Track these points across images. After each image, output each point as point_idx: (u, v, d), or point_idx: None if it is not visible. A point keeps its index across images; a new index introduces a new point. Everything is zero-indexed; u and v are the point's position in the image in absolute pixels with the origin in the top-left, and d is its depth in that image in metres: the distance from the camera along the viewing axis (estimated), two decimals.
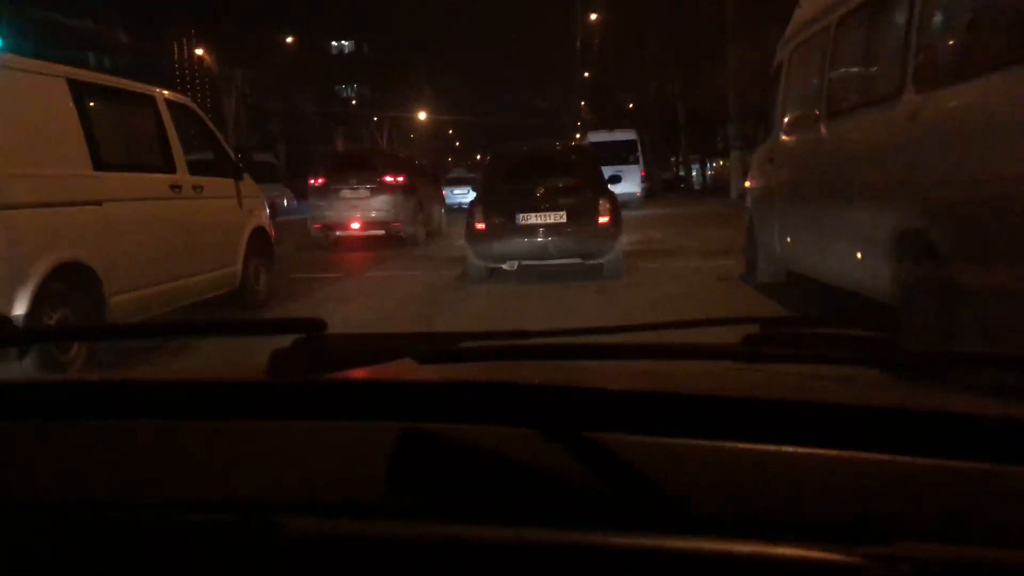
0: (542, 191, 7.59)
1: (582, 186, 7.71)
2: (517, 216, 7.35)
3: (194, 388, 0.86)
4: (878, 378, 0.82)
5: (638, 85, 33.33)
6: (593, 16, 36.58)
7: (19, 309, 3.84)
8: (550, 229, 7.29)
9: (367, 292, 7.62)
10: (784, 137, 5.87)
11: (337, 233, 12.08)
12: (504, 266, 7.44)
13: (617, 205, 7.62)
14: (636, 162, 20.72)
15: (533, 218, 7.34)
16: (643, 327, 0.85)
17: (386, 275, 8.96)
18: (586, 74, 49.94)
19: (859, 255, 4.10)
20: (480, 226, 7.43)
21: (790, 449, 0.60)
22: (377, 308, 6.51)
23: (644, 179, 21.61)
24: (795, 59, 5.72)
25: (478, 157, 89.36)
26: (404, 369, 0.81)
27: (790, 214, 5.57)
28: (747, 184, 7.36)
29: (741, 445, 0.62)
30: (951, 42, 3.47)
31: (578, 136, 38.76)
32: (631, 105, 35.98)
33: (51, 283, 4.03)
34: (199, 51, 31.64)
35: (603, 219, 7.33)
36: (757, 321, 0.78)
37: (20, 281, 3.87)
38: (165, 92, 5.58)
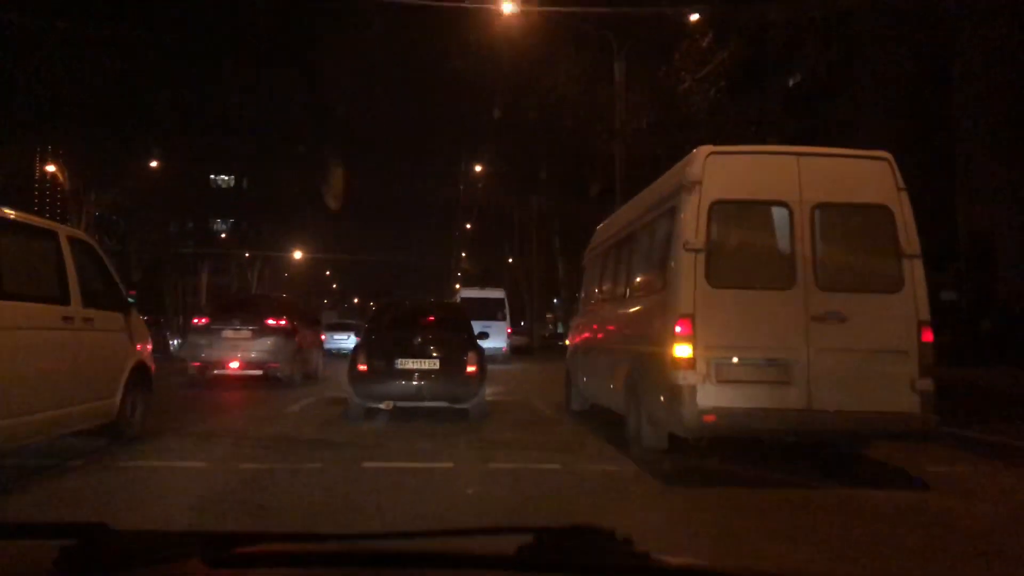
0: (419, 340, 8.42)
1: (454, 338, 8.63)
2: (396, 361, 8.14)
3: None
4: None
5: (519, 238, 36.43)
6: (477, 168, 39.64)
7: None
8: (424, 374, 8.08)
9: (238, 429, 7.85)
10: (582, 311, 9.50)
11: (215, 371, 12.41)
12: (381, 405, 8.10)
13: (483, 357, 8.53)
14: (504, 319, 22.60)
15: (410, 363, 8.14)
16: (429, 533, 0.96)
17: (257, 415, 9.20)
18: (467, 225, 52.90)
19: (611, 387, 7.23)
20: (362, 368, 8.16)
21: None
22: (249, 443, 6.75)
23: (510, 336, 23.67)
24: (589, 264, 9.55)
25: (355, 300, 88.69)
26: (190, 572, 0.84)
27: (584, 363, 8.85)
28: (567, 342, 10.76)
29: None
30: (640, 273, 6.94)
31: (456, 287, 40.65)
32: (510, 260, 38.91)
33: None
34: (51, 168, 29.33)
35: (470, 368, 8.22)
36: (530, 531, 0.88)
37: None
38: (67, 228, 5.97)
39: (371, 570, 0.92)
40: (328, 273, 73.47)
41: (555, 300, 38.17)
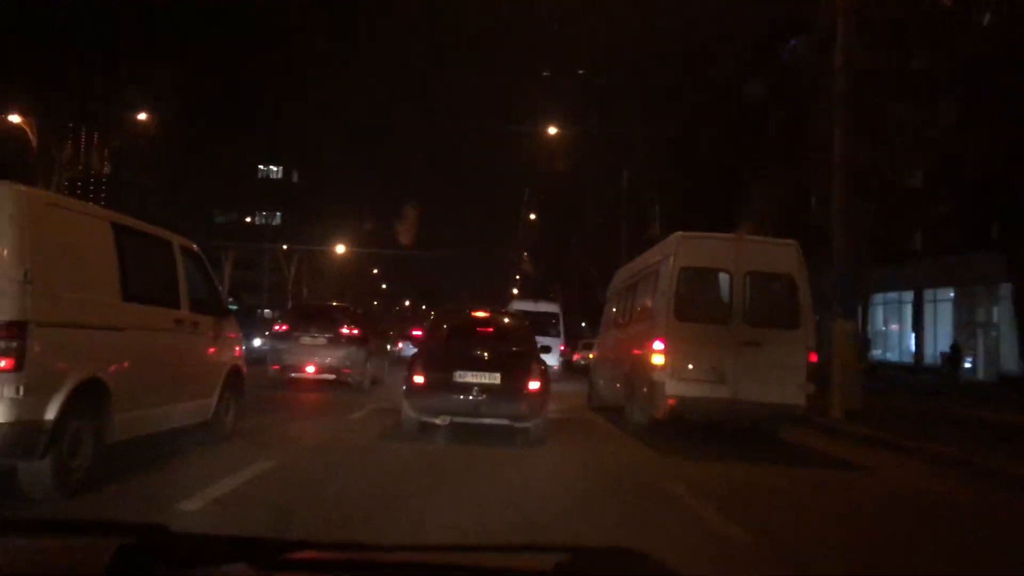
0: (480, 352, 8.29)
1: (517, 352, 8.54)
2: (455, 373, 7.96)
3: None
4: None
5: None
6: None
7: (50, 415, 4.66)
8: (484, 389, 7.85)
9: (306, 435, 8.53)
10: (602, 334, 13.65)
11: (292, 375, 14.04)
12: (436, 421, 8.01)
13: (548, 374, 8.52)
14: (558, 335, 22.30)
15: (470, 377, 7.93)
16: (467, 548, 1.06)
17: (337, 419, 9.92)
18: (532, 216, 53.74)
19: (617, 386, 10.72)
20: (419, 379, 8.02)
21: None
22: (327, 450, 7.38)
23: (563, 353, 23.47)
24: (610, 300, 13.49)
25: (406, 303, 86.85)
26: (234, 574, 0.91)
27: (601, 371, 12.68)
28: (590, 356, 15.75)
29: None
30: (638, 308, 10.68)
31: (514, 292, 41.51)
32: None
33: (75, 396, 4.87)
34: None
35: (534, 385, 8.01)
36: (566, 550, 0.94)
37: (56, 389, 4.71)
38: (179, 238, 6.69)
39: None
40: (376, 272, 71.34)
41: (583, 324, 38.50)
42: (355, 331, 14.42)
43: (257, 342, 21.53)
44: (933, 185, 18.09)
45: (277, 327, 15.02)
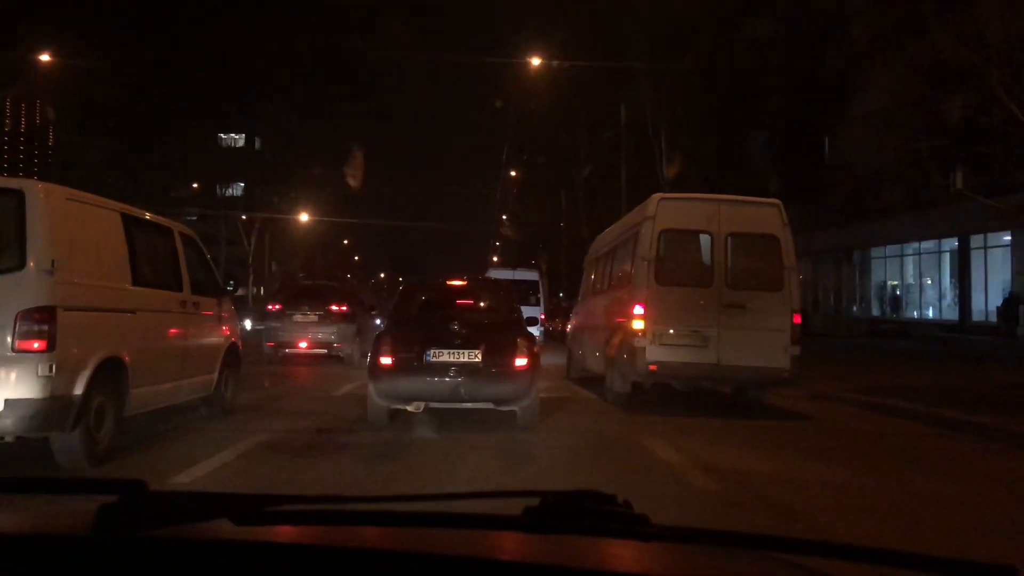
0: (457, 327, 7.41)
1: (500, 324, 7.79)
2: (428, 352, 7.18)
3: (15, 542, 1.03)
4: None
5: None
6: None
7: (78, 390, 5.27)
8: (463, 369, 7.12)
9: (294, 408, 9.09)
10: (580, 303, 13.77)
11: (286, 350, 15.23)
12: (409, 407, 7.27)
13: (535, 348, 7.62)
14: (537, 303, 21.74)
15: (445, 355, 7.17)
16: (445, 496, 1.14)
17: (312, 395, 10.62)
18: (512, 172, 49.52)
19: (597, 355, 10.61)
20: (386, 361, 7.22)
21: None
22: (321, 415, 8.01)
23: (543, 323, 22.63)
24: (587, 267, 13.61)
25: (381, 275, 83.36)
26: (219, 529, 0.97)
27: (580, 340, 12.65)
28: (569, 325, 14.96)
29: None
30: (618, 273, 10.42)
31: (495, 259, 39.63)
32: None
33: (99, 373, 5.48)
34: None
35: (521, 361, 7.21)
36: (536, 494, 1.01)
37: (82, 367, 5.32)
38: (178, 225, 7.27)
39: (385, 528, 1.08)
40: (347, 243, 68.35)
41: (560, 294, 36.84)
42: (344, 308, 15.51)
43: (248, 324, 22.23)
44: (976, 114, 16.01)
45: (270, 306, 16.20)
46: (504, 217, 54.40)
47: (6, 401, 4.89)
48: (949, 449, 7.09)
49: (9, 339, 4.96)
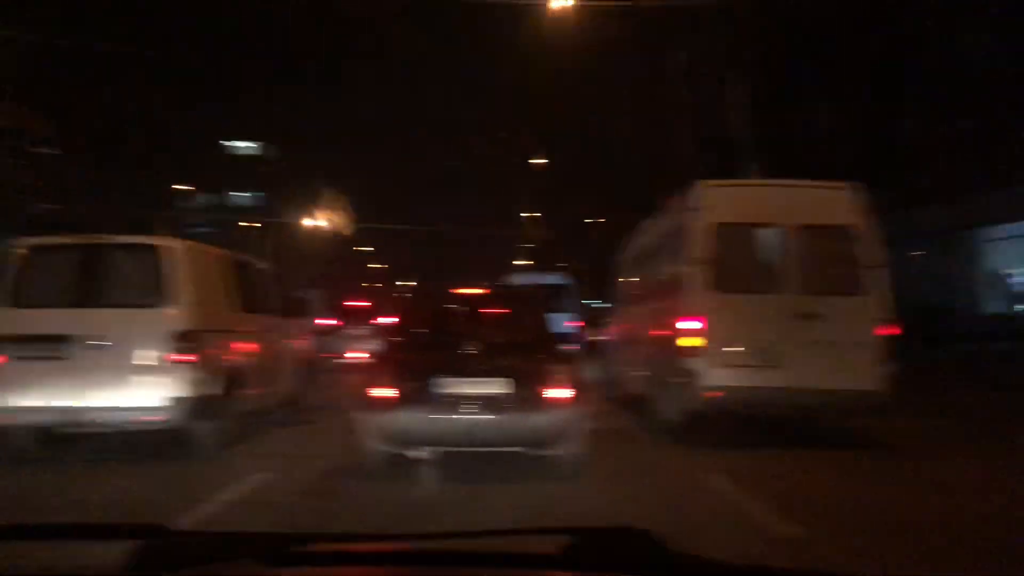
0: (477, 348, 6.26)
1: (532, 344, 6.52)
2: (439, 382, 5.85)
3: None
4: None
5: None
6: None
7: (217, 390, 7.32)
8: (487, 404, 5.78)
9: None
10: (616, 314, 12.24)
11: (335, 360, 17.56)
12: (411, 454, 5.98)
13: (579, 374, 6.43)
14: (572, 312, 18.19)
15: (464, 386, 5.83)
16: (476, 533, 1.12)
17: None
18: (532, 160, 42.04)
19: (639, 375, 9.40)
20: (383, 393, 5.87)
21: None
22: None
23: (581, 334, 18.67)
24: (624, 270, 12.02)
25: (412, 284, 79.35)
26: (243, 571, 0.99)
27: (618, 357, 11.24)
28: (604, 336, 13.31)
29: None
30: (661, 278, 8.97)
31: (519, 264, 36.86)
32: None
33: (226, 378, 7.55)
34: None
35: (562, 392, 5.86)
36: (569, 532, 1.00)
37: (216, 374, 7.38)
38: (259, 260, 9.43)
39: (420, 568, 1.08)
40: (371, 249, 64.34)
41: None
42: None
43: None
44: None
45: (326, 321, 18.96)
46: (526, 215, 49.73)
47: (173, 399, 6.93)
48: None
49: (166, 355, 7.03)
